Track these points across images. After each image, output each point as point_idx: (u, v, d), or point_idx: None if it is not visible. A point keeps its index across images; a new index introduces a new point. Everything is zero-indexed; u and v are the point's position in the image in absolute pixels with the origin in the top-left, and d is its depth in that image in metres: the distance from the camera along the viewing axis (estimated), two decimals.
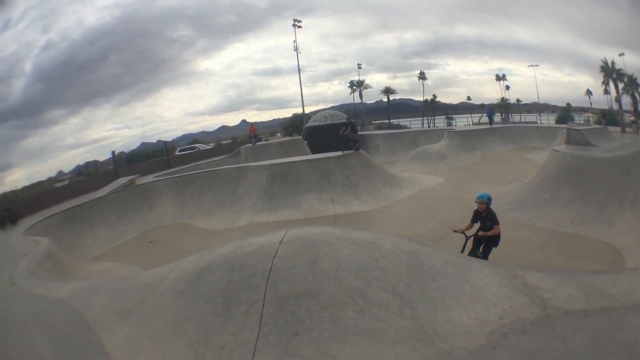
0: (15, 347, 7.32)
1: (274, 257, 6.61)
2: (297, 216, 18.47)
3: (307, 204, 19.25)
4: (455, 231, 10.14)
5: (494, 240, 9.58)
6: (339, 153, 21.93)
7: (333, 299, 5.88)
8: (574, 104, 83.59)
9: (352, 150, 22.18)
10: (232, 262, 6.93)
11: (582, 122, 51.45)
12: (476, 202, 9.75)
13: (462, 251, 9.77)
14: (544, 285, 5.47)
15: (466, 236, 9.79)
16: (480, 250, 9.64)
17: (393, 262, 6.52)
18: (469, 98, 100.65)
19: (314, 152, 34.08)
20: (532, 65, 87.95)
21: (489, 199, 9.71)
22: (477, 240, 9.70)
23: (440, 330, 5.33)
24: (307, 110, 76.72)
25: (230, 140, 71.38)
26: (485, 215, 9.58)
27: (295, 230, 7.56)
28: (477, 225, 9.84)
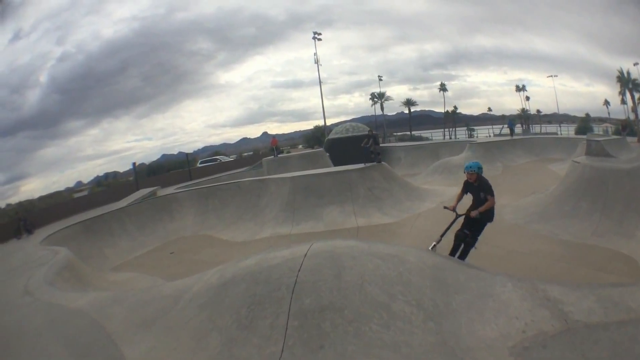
0: (31, 357, 7.31)
1: (299, 271, 6.60)
2: (319, 228, 18.48)
3: (329, 217, 19.23)
4: (445, 207, 9.62)
5: (488, 216, 9.00)
6: (361, 165, 21.93)
7: (358, 313, 5.84)
8: (592, 114, 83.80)
9: (374, 163, 22.18)
10: (257, 275, 6.92)
11: (600, 132, 51.37)
12: (465, 172, 9.14)
13: (446, 231, 9.28)
14: (565, 299, 5.40)
15: (457, 214, 9.29)
16: (469, 231, 9.11)
17: (417, 276, 6.47)
18: (489, 109, 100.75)
19: (336, 164, 34.41)
20: (552, 76, 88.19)
21: (479, 168, 9.02)
22: (468, 220, 9.13)
23: (463, 345, 5.27)
24: (328, 122, 77.26)
25: (251, 153, 72.02)
26: (477, 185, 8.97)
27: (320, 243, 7.54)
28: (467, 198, 9.34)
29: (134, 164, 42.27)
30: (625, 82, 75.73)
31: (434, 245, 8.70)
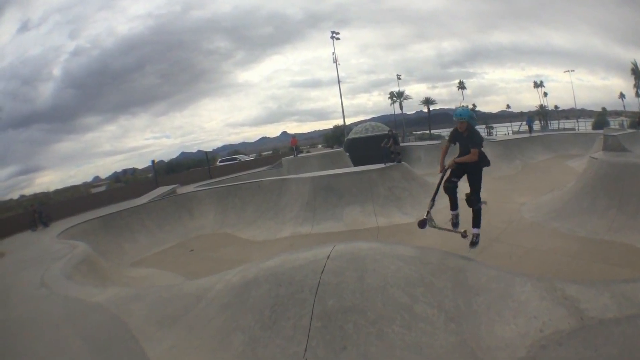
0: (49, 350, 7.34)
1: (322, 272, 6.67)
2: (339, 228, 18.49)
3: (349, 216, 19.23)
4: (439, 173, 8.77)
5: (482, 161, 8.29)
6: (381, 165, 21.87)
7: (380, 315, 5.90)
8: (608, 108, 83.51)
9: (394, 163, 22.15)
10: (280, 276, 7.00)
11: (616, 126, 51.08)
12: (454, 119, 8.34)
13: (436, 193, 8.78)
14: (582, 297, 5.43)
15: (445, 172, 8.58)
16: (458, 178, 8.63)
17: (439, 278, 6.49)
18: (508, 106, 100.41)
19: (355, 164, 34.36)
20: (568, 71, 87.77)
21: (470, 117, 8.26)
22: (456, 170, 8.53)
23: (483, 345, 5.33)
24: (347, 121, 77.03)
25: (271, 152, 72.09)
26: (466, 136, 8.28)
27: (342, 245, 7.60)
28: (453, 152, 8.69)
29: (152, 161, 42.45)
30: (639, 74, 75.28)
31: (428, 212, 8.42)
